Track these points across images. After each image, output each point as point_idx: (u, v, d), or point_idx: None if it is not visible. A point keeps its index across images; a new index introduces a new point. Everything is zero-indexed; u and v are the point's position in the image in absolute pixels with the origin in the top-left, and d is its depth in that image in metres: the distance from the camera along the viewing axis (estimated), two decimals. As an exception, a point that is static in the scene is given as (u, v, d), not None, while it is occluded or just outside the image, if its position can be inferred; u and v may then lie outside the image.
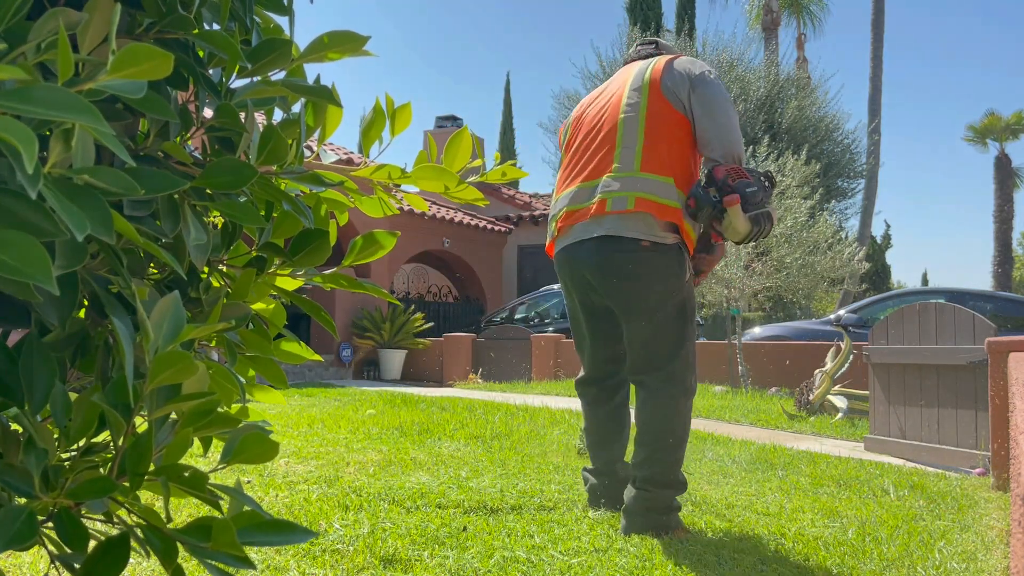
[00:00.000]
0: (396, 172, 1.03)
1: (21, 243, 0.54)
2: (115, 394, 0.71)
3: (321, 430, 4.23)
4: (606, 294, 2.47)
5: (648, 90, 2.46)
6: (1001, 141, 27.68)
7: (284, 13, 0.98)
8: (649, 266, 2.38)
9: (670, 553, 2.13)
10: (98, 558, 0.69)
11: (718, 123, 2.38)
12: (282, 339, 1.08)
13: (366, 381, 11.53)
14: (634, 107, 2.46)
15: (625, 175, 2.41)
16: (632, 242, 2.37)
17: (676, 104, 2.42)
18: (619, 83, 2.58)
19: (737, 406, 6.53)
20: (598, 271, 2.44)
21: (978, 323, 4.19)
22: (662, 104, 2.43)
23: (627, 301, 2.44)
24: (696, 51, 16.32)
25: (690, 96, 2.41)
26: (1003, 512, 2.89)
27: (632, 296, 2.42)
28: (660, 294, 2.40)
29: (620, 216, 2.38)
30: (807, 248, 8.45)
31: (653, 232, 2.36)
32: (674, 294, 2.41)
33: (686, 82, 2.42)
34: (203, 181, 0.80)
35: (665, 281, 2.39)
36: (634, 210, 2.36)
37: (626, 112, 2.47)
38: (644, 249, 2.37)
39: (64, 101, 0.54)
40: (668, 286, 2.40)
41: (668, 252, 2.38)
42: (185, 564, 1.16)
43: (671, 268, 2.39)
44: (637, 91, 2.48)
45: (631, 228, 2.37)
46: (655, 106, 2.43)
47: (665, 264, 2.38)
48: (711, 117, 2.38)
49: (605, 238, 2.40)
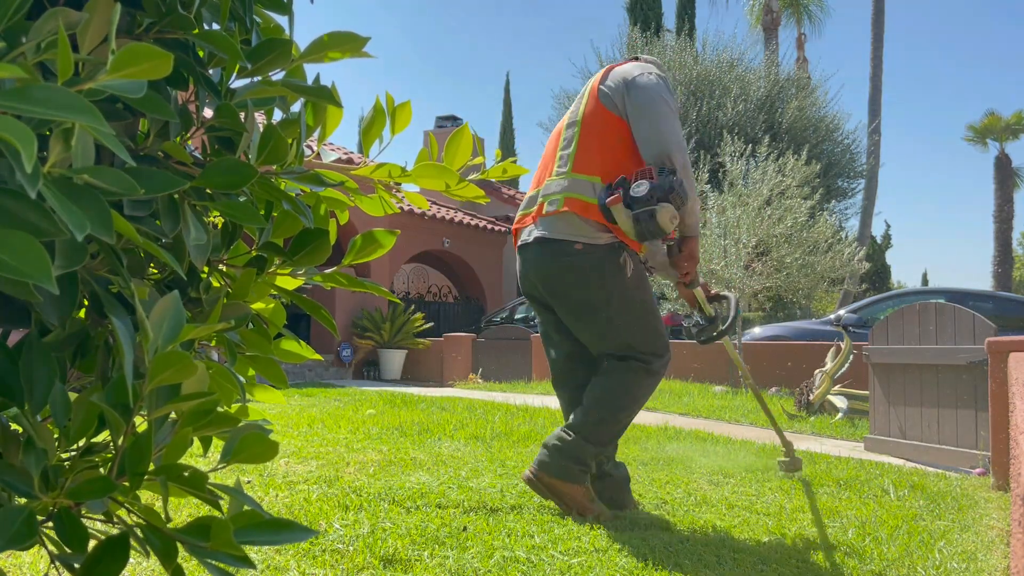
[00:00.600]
0: (396, 171, 1.03)
1: (21, 243, 0.54)
2: (115, 394, 0.71)
3: (321, 430, 4.23)
4: (550, 295, 2.55)
5: (588, 96, 2.57)
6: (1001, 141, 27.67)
7: (284, 12, 0.98)
8: (582, 269, 2.43)
9: (670, 553, 2.13)
10: (98, 558, 0.69)
11: (648, 124, 2.42)
12: (282, 339, 1.08)
13: (366, 381, 11.53)
14: (576, 114, 2.59)
15: (560, 177, 2.51)
16: (566, 244, 2.43)
17: (612, 108, 2.49)
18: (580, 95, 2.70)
19: (737, 406, 6.53)
20: (540, 274, 2.53)
21: (978, 323, 4.19)
22: (599, 108, 2.51)
23: (567, 303, 2.51)
24: (696, 51, 16.32)
25: (624, 99, 2.47)
26: (1003, 512, 2.89)
27: (571, 298, 2.49)
28: (597, 295, 2.44)
29: (553, 217, 2.47)
30: (807, 248, 8.44)
31: (582, 233, 2.42)
32: (613, 293, 2.44)
33: (622, 86, 2.49)
34: (203, 181, 0.80)
35: (599, 282, 2.43)
36: (563, 210, 2.43)
37: (570, 119, 2.61)
38: (577, 252, 2.42)
39: (64, 101, 0.54)
40: (604, 286, 2.43)
41: (599, 252, 2.42)
42: (185, 564, 1.16)
43: (604, 268, 2.43)
44: (581, 99, 2.62)
45: (561, 229, 2.44)
46: (592, 111, 2.53)
47: (596, 265, 2.42)
48: (641, 119, 2.43)
49: (543, 240, 2.48)
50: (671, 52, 16.19)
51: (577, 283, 2.45)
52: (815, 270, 8.48)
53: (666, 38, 17.27)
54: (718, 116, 14.92)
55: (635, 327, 2.49)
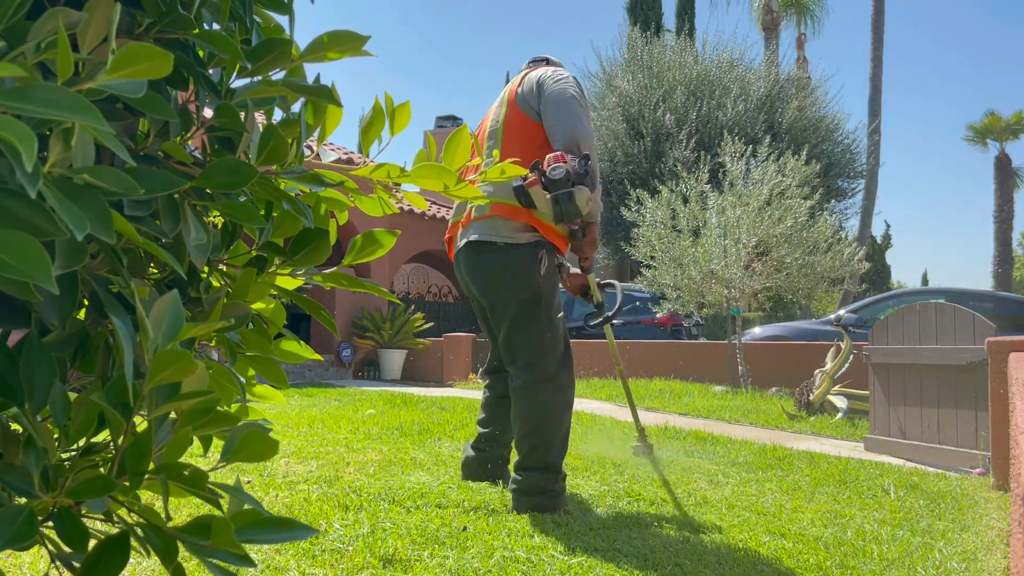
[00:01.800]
0: (396, 171, 1.03)
1: (21, 243, 0.54)
2: (114, 393, 0.71)
3: (321, 430, 4.23)
4: (480, 295, 2.69)
5: (506, 105, 2.71)
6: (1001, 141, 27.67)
7: (284, 12, 0.98)
8: (501, 266, 2.58)
9: (670, 553, 2.13)
10: (98, 557, 0.69)
11: (557, 118, 2.54)
12: (282, 339, 1.08)
13: (366, 381, 11.53)
14: (496, 121, 2.73)
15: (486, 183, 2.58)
16: (488, 245, 2.59)
17: (529, 113, 2.64)
18: (497, 100, 2.83)
19: (737, 406, 6.53)
20: (468, 275, 2.69)
21: (978, 323, 4.19)
22: (517, 114, 2.66)
23: (489, 300, 2.65)
24: (696, 51, 16.32)
25: (537, 101, 2.62)
26: (1003, 512, 2.89)
27: (491, 295, 2.63)
28: (513, 290, 2.57)
29: (480, 221, 2.62)
30: (807, 248, 8.44)
31: (503, 233, 2.57)
32: (527, 289, 2.57)
33: (534, 90, 2.64)
34: (203, 181, 0.80)
35: (517, 278, 2.57)
36: (490, 214, 2.59)
37: (491, 127, 2.75)
38: (497, 250, 2.58)
39: (64, 100, 0.54)
40: (520, 282, 2.57)
41: (518, 250, 2.57)
42: (185, 563, 1.16)
43: (521, 265, 2.56)
44: (499, 106, 2.76)
45: (488, 232, 2.59)
46: (511, 117, 2.68)
47: (514, 262, 2.56)
48: (551, 114, 2.56)
49: (471, 243, 2.64)
50: (671, 52, 16.19)
51: (498, 279, 2.59)
52: (815, 270, 8.48)
53: (666, 38, 17.26)
54: (718, 116, 14.92)
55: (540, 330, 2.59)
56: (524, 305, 2.57)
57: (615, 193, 14.83)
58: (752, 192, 8.41)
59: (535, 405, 2.55)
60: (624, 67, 16.44)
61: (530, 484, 2.52)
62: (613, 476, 3.17)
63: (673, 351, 9.38)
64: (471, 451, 2.97)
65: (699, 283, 8.47)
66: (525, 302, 2.57)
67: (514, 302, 2.58)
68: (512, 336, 2.60)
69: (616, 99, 15.75)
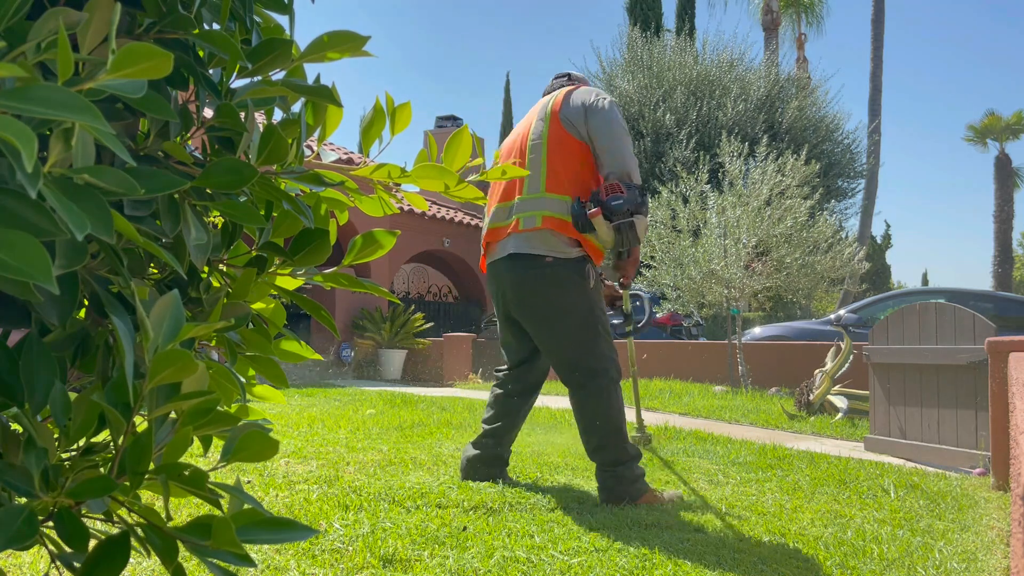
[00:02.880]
0: (396, 171, 1.03)
1: (21, 243, 0.54)
2: (115, 393, 0.71)
3: (321, 430, 4.23)
4: (518, 306, 2.82)
5: (549, 120, 2.82)
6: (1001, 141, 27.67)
7: (284, 12, 0.98)
8: (552, 279, 2.72)
9: (670, 553, 2.13)
10: (98, 557, 0.69)
11: (608, 145, 2.70)
12: (282, 338, 1.08)
13: (366, 381, 11.53)
14: (539, 136, 2.83)
15: (532, 196, 2.76)
16: (538, 259, 2.72)
17: (573, 131, 2.77)
18: (531, 115, 2.95)
19: (737, 406, 6.53)
20: (512, 286, 2.79)
21: (978, 323, 4.19)
22: (561, 132, 2.78)
23: (537, 312, 2.78)
24: (696, 51, 16.32)
25: (585, 123, 2.75)
26: (1003, 512, 2.89)
27: (542, 308, 2.76)
28: (565, 303, 2.73)
29: (529, 234, 2.74)
30: (807, 248, 8.44)
31: (556, 248, 2.71)
32: (578, 302, 2.73)
33: (581, 111, 2.77)
34: (203, 181, 0.80)
35: (568, 292, 2.72)
36: (541, 227, 2.71)
37: (532, 140, 2.84)
38: (547, 264, 2.71)
39: (64, 100, 0.54)
40: (572, 296, 2.72)
41: (568, 265, 2.72)
42: (185, 563, 1.16)
43: (572, 279, 2.72)
44: (542, 121, 2.85)
45: (537, 245, 2.72)
46: (555, 134, 2.79)
47: (566, 276, 2.71)
48: (602, 141, 2.72)
49: (516, 255, 2.76)
50: (671, 52, 16.18)
51: (547, 292, 2.73)
52: (815, 270, 8.48)
53: (666, 38, 17.26)
54: (718, 116, 14.91)
55: (593, 337, 2.75)
56: (582, 317, 2.74)
57: (615, 193, 14.83)
58: (752, 192, 8.41)
59: (611, 406, 2.74)
60: (624, 67, 16.44)
61: (625, 475, 2.71)
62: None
63: (673, 351, 9.38)
64: (474, 450, 3.02)
65: (699, 283, 8.47)
66: (582, 314, 2.74)
67: (572, 314, 2.73)
68: (574, 346, 2.76)
69: (616, 99, 15.73)
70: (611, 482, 2.72)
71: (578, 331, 2.74)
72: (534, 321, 2.80)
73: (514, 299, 2.80)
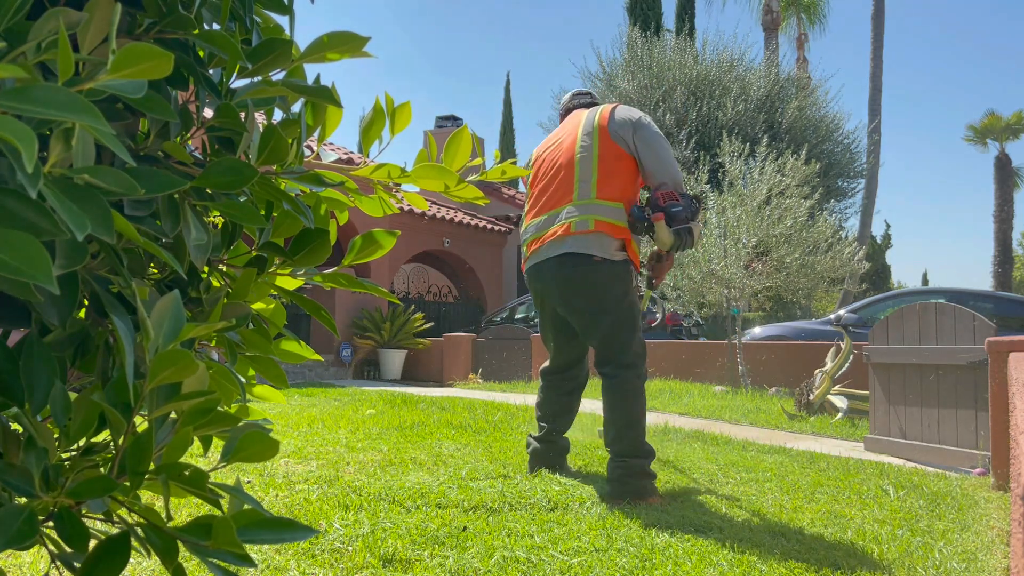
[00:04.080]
0: (396, 171, 1.03)
1: (21, 243, 0.54)
2: (115, 393, 0.71)
3: (321, 430, 4.23)
4: (564, 302, 3.03)
5: (598, 134, 3.04)
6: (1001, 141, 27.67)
7: (284, 12, 0.98)
8: (598, 278, 2.94)
9: (670, 553, 2.13)
10: (98, 557, 0.69)
11: (659, 158, 2.96)
12: (282, 339, 1.08)
13: (366, 381, 11.53)
14: (587, 148, 3.04)
15: (584, 203, 2.98)
16: (587, 258, 2.93)
17: (622, 144, 2.99)
18: (571, 129, 3.15)
19: (737, 406, 6.53)
20: (560, 283, 2.99)
21: (978, 323, 4.19)
22: (610, 145, 3.00)
23: (583, 306, 2.99)
24: (696, 51, 16.31)
25: (633, 138, 2.99)
26: (1003, 512, 2.89)
27: (587, 302, 2.98)
28: (608, 301, 2.95)
29: (582, 236, 2.94)
30: (807, 248, 8.44)
31: (605, 250, 2.93)
32: (621, 300, 2.96)
33: (629, 126, 3.01)
34: (203, 181, 0.80)
35: (614, 290, 2.94)
36: (593, 230, 2.93)
37: (580, 153, 3.05)
38: (596, 264, 2.92)
39: (64, 101, 0.54)
40: (616, 294, 2.95)
41: (616, 267, 2.94)
42: (185, 563, 1.16)
43: (619, 279, 2.95)
44: (588, 135, 3.06)
45: (588, 246, 2.93)
46: (605, 147, 3.01)
47: (611, 276, 2.94)
48: (653, 153, 2.97)
49: (566, 255, 2.96)
50: (671, 52, 16.18)
51: (593, 289, 2.95)
52: (815, 270, 8.48)
53: (666, 38, 17.25)
54: (718, 116, 14.91)
55: (629, 333, 2.98)
56: (622, 315, 2.96)
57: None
58: (752, 192, 8.41)
59: (634, 400, 2.93)
60: (624, 67, 16.43)
61: (635, 468, 2.84)
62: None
63: (673, 351, 9.38)
64: (539, 444, 3.26)
65: (699, 283, 8.47)
66: (622, 312, 2.96)
67: (612, 312, 2.95)
68: (614, 340, 2.97)
69: (616, 99, 15.74)
70: (619, 472, 2.84)
71: (616, 328, 2.96)
72: (578, 315, 3.03)
73: (560, 296, 3.02)
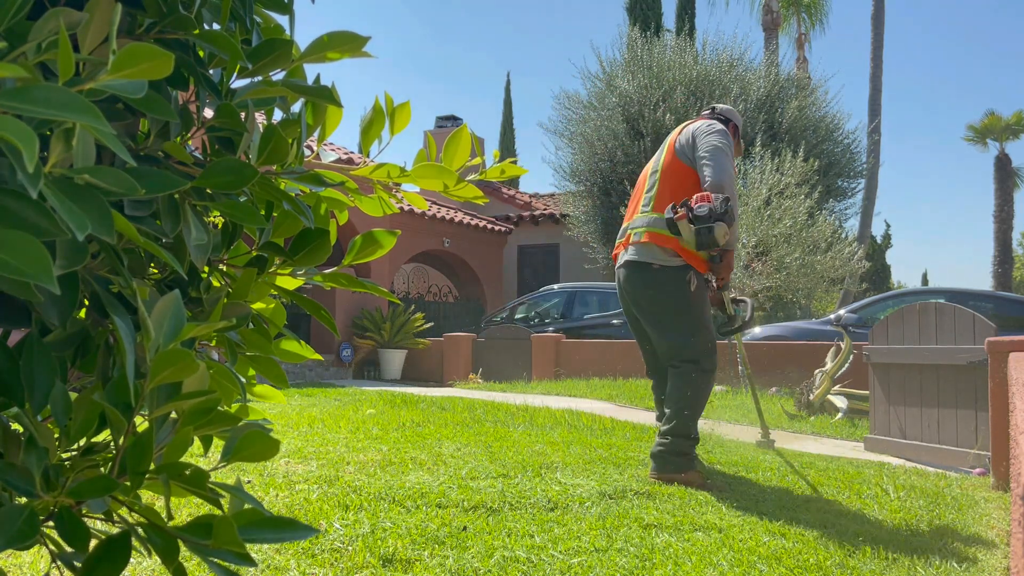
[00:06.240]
0: (396, 171, 1.03)
1: (22, 243, 0.54)
2: (116, 393, 0.71)
3: (321, 430, 4.23)
4: (635, 304, 3.34)
5: (666, 151, 3.35)
6: (1001, 141, 27.65)
7: (284, 12, 0.98)
8: (656, 283, 3.20)
9: (670, 553, 2.13)
10: (99, 557, 0.69)
11: (708, 164, 3.13)
12: (282, 338, 1.08)
13: (366, 381, 11.53)
14: (657, 165, 3.36)
15: (643, 215, 3.31)
16: (646, 266, 3.22)
17: (684, 159, 3.25)
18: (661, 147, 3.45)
19: (737, 406, 6.53)
20: (629, 287, 3.32)
21: (978, 323, 4.19)
22: (674, 160, 3.28)
23: (647, 308, 3.29)
24: (696, 51, 16.31)
25: (693, 149, 3.21)
26: (1003, 512, 2.89)
27: (649, 305, 3.27)
28: (666, 303, 3.21)
29: (638, 245, 3.26)
30: (807, 248, 8.44)
31: (659, 257, 3.18)
32: (679, 302, 3.19)
33: (691, 139, 3.25)
34: (203, 181, 0.80)
35: (669, 293, 3.19)
36: (645, 241, 3.22)
37: (653, 168, 3.38)
38: (654, 270, 3.20)
39: (65, 101, 0.54)
40: (671, 296, 3.19)
41: (670, 272, 3.17)
42: (186, 563, 1.16)
43: (674, 283, 3.17)
44: (661, 152, 3.38)
45: (644, 255, 3.23)
46: (669, 162, 3.31)
47: (666, 280, 3.18)
48: (702, 160, 3.16)
49: (630, 262, 3.29)
50: (671, 52, 16.18)
51: (654, 295, 3.23)
52: (815, 270, 8.48)
53: (666, 38, 17.24)
54: (718, 116, 14.87)
55: (690, 331, 3.19)
56: (680, 314, 3.19)
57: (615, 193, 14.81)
58: (751, 192, 8.41)
59: (693, 390, 3.18)
60: (624, 67, 16.42)
61: (676, 447, 3.11)
62: (613, 476, 3.18)
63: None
64: None
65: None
66: (680, 312, 3.19)
67: (670, 312, 3.21)
68: (672, 338, 3.22)
69: (616, 99, 15.74)
70: (659, 448, 3.13)
71: (676, 326, 3.20)
72: (645, 316, 3.32)
73: (631, 299, 3.32)
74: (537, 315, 12.73)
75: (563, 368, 10.26)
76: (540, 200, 18.99)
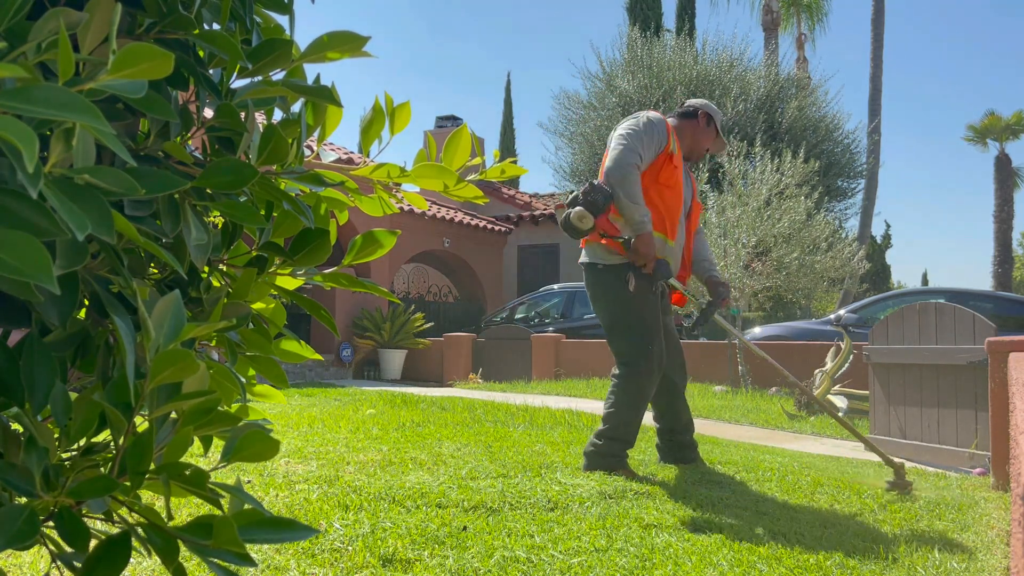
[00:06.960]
0: (396, 171, 1.03)
1: (22, 243, 0.54)
2: (116, 393, 0.71)
3: (321, 430, 4.23)
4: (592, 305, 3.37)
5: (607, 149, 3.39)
6: (1001, 141, 27.64)
7: (284, 12, 0.98)
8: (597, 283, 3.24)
9: (670, 553, 2.13)
10: (99, 557, 0.69)
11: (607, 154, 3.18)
12: (282, 338, 1.08)
13: (366, 381, 11.53)
14: None
15: None
16: (592, 266, 3.26)
17: None
18: None
19: (737, 406, 6.53)
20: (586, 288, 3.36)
21: (978, 323, 4.19)
22: None
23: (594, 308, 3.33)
24: (696, 51, 16.31)
25: None
26: (1003, 512, 2.89)
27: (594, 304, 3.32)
28: (605, 302, 3.24)
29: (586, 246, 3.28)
30: (807, 248, 8.44)
31: (600, 256, 3.21)
32: (616, 302, 3.20)
33: None
34: (203, 181, 0.80)
35: (607, 293, 3.21)
36: (590, 240, 3.22)
37: None
38: (597, 271, 3.23)
39: (65, 101, 0.54)
40: (610, 296, 3.21)
41: (611, 271, 3.19)
42: (186, 563, 1.16)
43: (610, 283, 3.19)
44: None
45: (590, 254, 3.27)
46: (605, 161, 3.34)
47: (606, 280, 3.20)
48: None
49: (581, 263, 3.34)
50: (671, 52, 16.18)
51: (596, 295, 3.26)
52: (815, 270, 8.48)
53: (666, 38, 17.25)
54: (718, 116, 14.87)
55: (626, 332, 3.20)
56: (617, 315, 3.20)
57: (615, 193, 14.84)
58: (751, 192, 8.41)
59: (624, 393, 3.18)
60: (624, 67, 16.43)
61: (606, 449, 3.15)
62: (613, 476, 3.18)
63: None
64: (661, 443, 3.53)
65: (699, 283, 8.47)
66: (618, 312, 3.20)
67: (608, 312, 3.23)
68: (611, 338, 3.27)
69: (616, 99, 15.74)
70: (590, 447, 3.19)
71: (614, 326, 3.23)
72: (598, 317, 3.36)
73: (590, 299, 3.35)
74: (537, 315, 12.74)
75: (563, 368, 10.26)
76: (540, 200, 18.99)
